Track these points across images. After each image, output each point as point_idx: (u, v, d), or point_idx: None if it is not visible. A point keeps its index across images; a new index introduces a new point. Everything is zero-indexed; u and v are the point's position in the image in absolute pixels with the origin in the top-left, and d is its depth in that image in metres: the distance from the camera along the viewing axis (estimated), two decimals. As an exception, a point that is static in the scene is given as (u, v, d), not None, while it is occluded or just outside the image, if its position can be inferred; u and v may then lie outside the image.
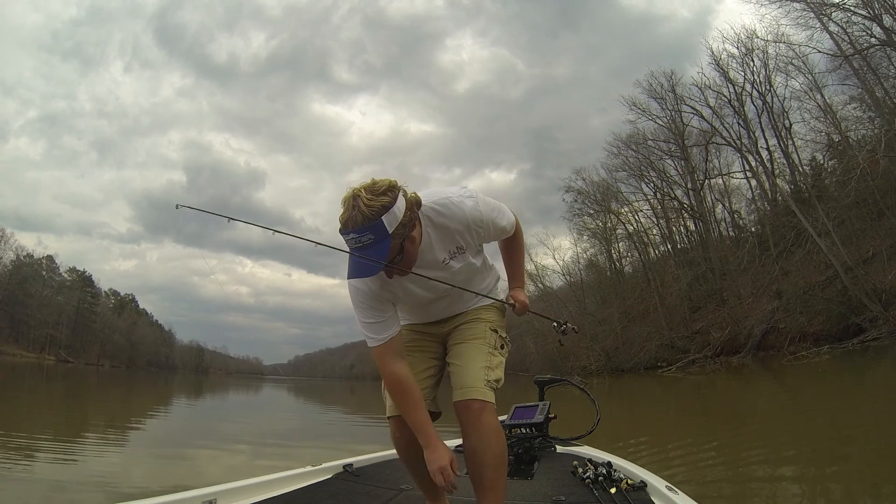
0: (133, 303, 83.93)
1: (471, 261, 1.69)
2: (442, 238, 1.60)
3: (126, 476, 4.72)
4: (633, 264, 34.58)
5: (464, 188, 1.65)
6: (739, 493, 3.99)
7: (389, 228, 1.37)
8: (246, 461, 6.27)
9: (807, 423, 6.86)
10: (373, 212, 1.36)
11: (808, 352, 16.36)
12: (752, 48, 24.44)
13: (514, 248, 1.86)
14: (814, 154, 24.49)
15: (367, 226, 1.36)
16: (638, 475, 2.16)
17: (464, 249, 1.64)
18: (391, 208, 1.37)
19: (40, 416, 9.33)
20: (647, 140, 30.02)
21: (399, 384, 1.57)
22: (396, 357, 1.59)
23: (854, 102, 20.40)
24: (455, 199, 1.58)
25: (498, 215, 1.68)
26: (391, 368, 1.57)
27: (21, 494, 3.91)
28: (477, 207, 1.59)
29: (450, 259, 1.63)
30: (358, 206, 1.36)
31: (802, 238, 20.24)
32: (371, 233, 1.37)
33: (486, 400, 1.56)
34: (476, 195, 1.62)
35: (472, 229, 1.61)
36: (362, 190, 1.39)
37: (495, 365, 1.65)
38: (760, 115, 25.73)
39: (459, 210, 1.57)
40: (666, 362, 23.83)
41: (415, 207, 1.48)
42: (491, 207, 1.65)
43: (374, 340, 1.59)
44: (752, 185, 27.96)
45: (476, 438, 1.55)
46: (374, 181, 1.42)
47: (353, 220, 1.37)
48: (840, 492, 3.74)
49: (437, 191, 1.62)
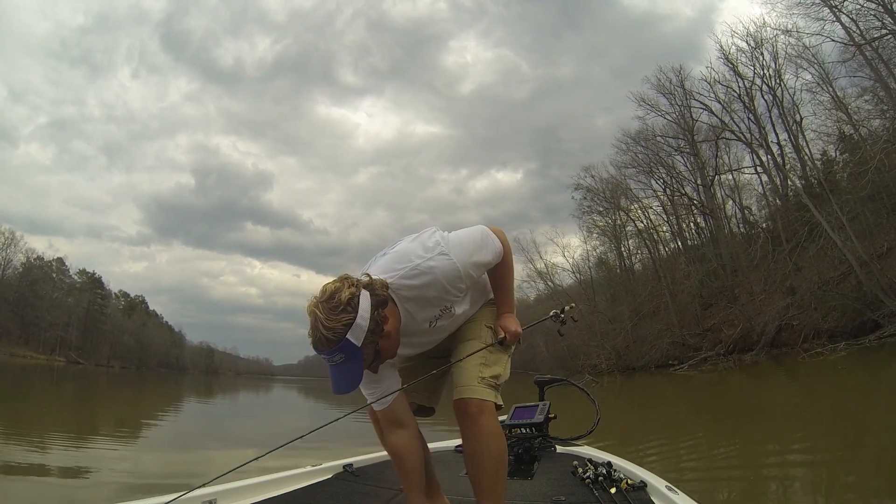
0: (143, 304, 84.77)
1: (465, 308, 1.60)
2: (422, 308, 1.49)
3: (132, 476, 4.77)
4: (644, 262, 34.37)
5: (433, 235, 1.50)
6: (750, 495, 3.93)
7: (358, 342, 1.31)
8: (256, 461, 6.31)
9: (822, 423, 6.73)
10: (336, 334, 1.29)
11: (824, 349, 16.08)
12: (762, 41, 24.14)
13: (501, 274, 1.66)
14: (825, 148, 24.14)
15: (333, 348, 1.30)
16: (638, 475, 2.14)
17: (449, 308, 1.54)
18: (354, 323, 1.29)
19: (50, 416, 9.48)
20: (656, 136, 29.83)
21: (397, 455, 1.58)
22: (395, 426, 1.58)
23: (866, 94, 20.03)
24: (424, 265, 1.43)
25: (478, 254, 1.52)
26: (389, 440, 1.59)
27: (30, 493, 3.97)
28: (452, 264, 1.44)
29: (436, 322, 1.55)
30: (318, 329, 1.29)
31: (816, 233, 19.90)
32: (340, 352, 1.31)
33: (484, 399, 1.52)
34: (447, 243, 1.47)
35: (454, 287, 1.48)
36: (319, 307, 1.30)
37: (492, 361, 1.59)
38: (770, 109, 25.41)
39: (432, 277, 1.43)
40: (677, 360, 23.62)
41: (383, 293, 1.38)
42: (468, 252, 1.49)
43: (378, 405, 1.57)
44: (763, 181, 27.64)
45: (474, 441, 1.52)
46: (331, 291, 1.32)
47: (320, 343, 1.30)
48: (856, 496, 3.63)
49: (401, 255, 1.47)
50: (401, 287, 1.44)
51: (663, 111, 28.96)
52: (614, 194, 32.51)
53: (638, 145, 30.57)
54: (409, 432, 1.60)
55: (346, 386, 1.37)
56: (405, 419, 1.60)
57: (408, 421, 1.61)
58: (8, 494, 3.88)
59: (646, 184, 31.49)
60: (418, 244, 1.49)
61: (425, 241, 1.49)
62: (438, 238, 1.49)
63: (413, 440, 1.60)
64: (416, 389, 1.69)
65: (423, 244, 1.48)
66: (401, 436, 1.57)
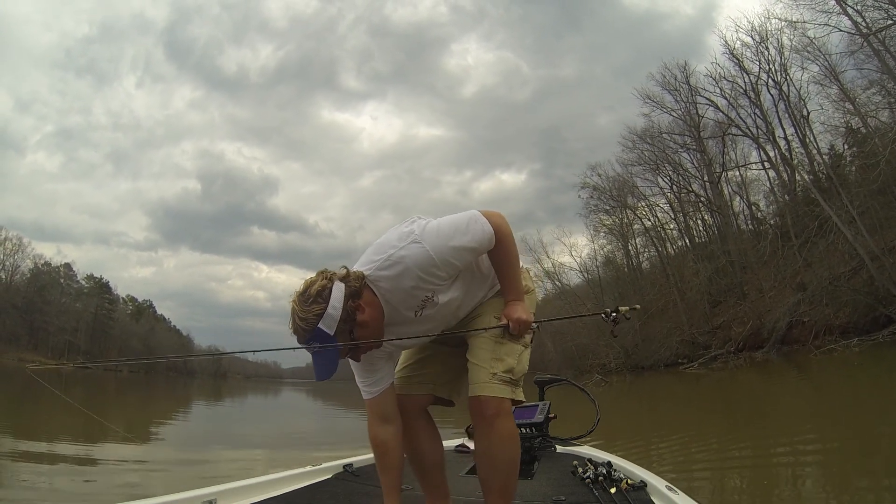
0: (151, 309, 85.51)
1: (452, 296, 1.54)
2: (403, 298, 1.47)
3: (139, 476, 4.82)
4: (651, 260, 34.11)
5: (412, 224, 1.48)
6: (761, 495, 3.88)
7: (330, 331, 1.38)
8: (265, 460, 6.37)
9: (834, 421, 6.62)
10: (309, 324, 1.37)
11: (836, 345, 15.87)
12: (767, 35, 23.91)
13: (499, 260, 1.58)
14: (832, 142, 23.83)
15: (307, 338, 1.39)
16: (638, 475, 2.12)
17: (431, 297, 1.49)
18: (325, 313, 1.37)
19: (60, 420, 9.58)
20: (661, 133, 29.57)
21: (379, 447, 1.60)
22: (381, 420, 1.59)
23: (874, 87, 19.74)
24: (396, 255, 1.42)
25: (458, 239, 1.44)
26: (374, 431, 1.60)
27: (40, 497, 4.02)
28: (424, 251, 1.41)
29: (422, 311, 1.51)
30: (295, 320, 1.39)
31: (825, 228, 19.63)
32: (315, 341, 1.38)
33: (500, 397, 1.49)
34: (423, 231, 1.44)
35: (429, 276, 1.44)
36: (296, 300, 1.40)
37: (503, 354, 1.53)
38: (777, 104, 25.12)
39: (403, 266, 1.41)
40: (687, 359, 23.41)
41: (356, 284, 1.42)
42: (445, 237, 1.43)
43: (366, 393, 1.61)
44: (771, 176, 27.29)
45: (487, 442, 1.51)
46: (305, 285, 1.42)
47: (297, 332, 1.40)
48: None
49: (379, 245, 1.48)
50: (378, 279, 1.45)
51: (669, 108, 28.77)
52: (621, 192, 32.35)
53: (644, 143, 30.37)
54: (394, 428, 1.60)
55: (323, 372, 1.42)
56: (391, 415, 1.60)
57: (394, 417, 1.61)
58: (14, 493, 3.93)
59: (652, 181, 31.28)
60: (395, 234, 1.48)
61: (401, 230, 1.47)
62: (415, 227, 1.46)
63: (397, 436, 1.60)
64: (437, 382, 1.68)
65: (399, 233, 1.47)
66: (385, 430, 1.58)
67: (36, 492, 4.12)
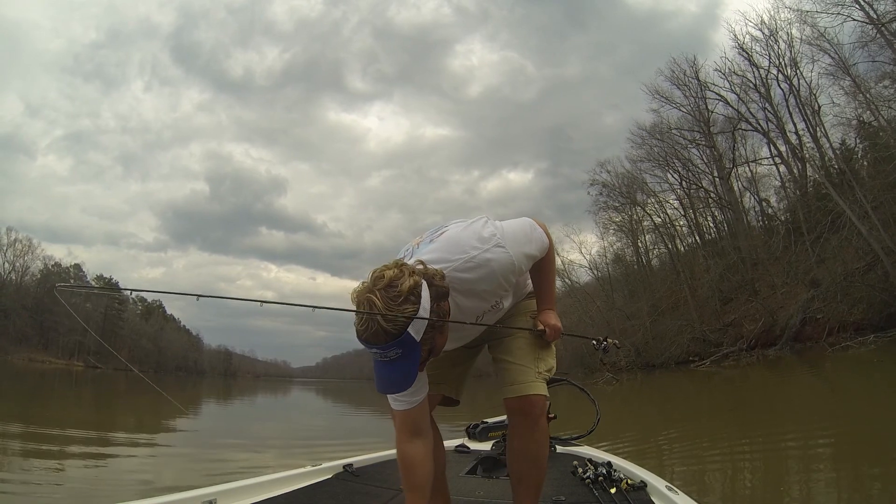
0: (160, 309, 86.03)
1: (510, 303, 1.53)
2: (471, 301, 1.39)
3: (143, 476, 4.86)
4: (661, 257, 33.82)
5: (486, 225, 1.39)
6: (771, 495, 3.82)
7: (417, 337, 1.18)
8: (272, 460, 6.40)
9: (850, 419, 6.50)
10: (396, 327, 1.14)
11: (852, 342, 15.61)
12: (777, 29, 23.58)
13: (544, 268, 1.56)
14: (844, 136, 23.42)
15: (391, 342, 1.15)
16: (638, 475, 2.11)
17: (499, 302, 1.46)
18: (417, 315, 1.16)
19: (71, 419, 9.73)
20: (671, 129, 29.33)
21: (406, 464, 1.42)
22: (412, 433, 1.43)
23: (885, 80, 19.37)
24: (480, 258, 1.33)
25: (528, 246, 1.43)
26: (403, 447, 1.43)
27: (51, 493, 4.08)
28: (508, 257, 1.36)
29: (483, 316, 1.45)
30: (377, 319, 1.14)
31: (838, 223, 19.31)
32: (397, 347, 1.16)
33: (545, 395, 1.49)
34: (503, 234, 1.37)
35: (507, 281, 1.40)
36: (377, 295, 1.15)
37: (545, 354, 1.54)
38: (787, 98, 24.77)
39: (488, 269, 1.34)
40: (698, 357, 23.14)
41: (442, 284, 1.26)
42: (520, 244, 1.40)
43: (403, 403, 1.42)
44: (781, 171, 26.92)
45: (529, 440, 1.51)
46: (390, 278, 1.17)
47: (375, 336, 1.15)
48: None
49: (454, 244, 1.36)
50: (453, 279, 1.31)
51: (678, 103, 28.55)
52: (630, 189, 32.11)
53: (653, 139, 30.14)
54: (425, 442, 1.45)
55: (399, 385, 1.25)
56: (424, 427, 1.46)
57: (426, 430, 1.47)
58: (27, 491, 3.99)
59: (662, 178, 30.99)
60: (472, 234, 1.38)
61: (480, 231, 1.38)
62: (493, 228, 1.39)
63: (428, 452, 1.45)
64: (443, 381, 1.64)
65: (477, 234, 1.37)
66: (416, 445, 1.42)
67: (41, 486, 4.19)
